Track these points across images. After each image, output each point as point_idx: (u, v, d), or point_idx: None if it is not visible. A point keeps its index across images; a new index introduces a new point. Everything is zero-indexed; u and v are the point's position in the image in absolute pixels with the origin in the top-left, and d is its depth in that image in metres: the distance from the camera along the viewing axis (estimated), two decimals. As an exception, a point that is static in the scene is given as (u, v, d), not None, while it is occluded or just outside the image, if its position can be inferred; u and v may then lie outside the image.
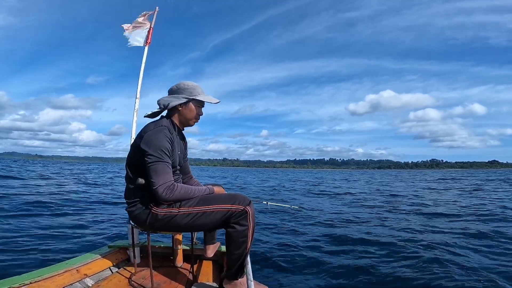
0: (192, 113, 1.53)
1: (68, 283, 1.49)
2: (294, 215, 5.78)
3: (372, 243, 3.62)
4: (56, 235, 3.71)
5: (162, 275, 1.75)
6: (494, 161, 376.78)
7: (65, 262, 1.66)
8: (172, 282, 1.67)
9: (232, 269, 1.43)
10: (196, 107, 1.54)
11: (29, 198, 6.48)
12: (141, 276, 1.73)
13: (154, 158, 1.32)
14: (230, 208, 1.37)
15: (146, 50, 2.45)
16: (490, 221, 5.06)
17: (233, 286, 1.46)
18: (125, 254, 2.00)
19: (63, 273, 1.52)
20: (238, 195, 1.42)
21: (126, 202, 1.46)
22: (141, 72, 2.33)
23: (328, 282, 2.44)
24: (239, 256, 1.39)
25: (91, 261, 1.74)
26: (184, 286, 1.62)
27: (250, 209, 1.38)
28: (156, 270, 1.80)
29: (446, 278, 2.42)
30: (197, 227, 1.44)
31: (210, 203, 1.39)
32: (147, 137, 1.36)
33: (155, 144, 1.34)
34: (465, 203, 7.59)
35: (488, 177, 25.73)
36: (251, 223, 1.38)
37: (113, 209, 5.93)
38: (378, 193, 11.19)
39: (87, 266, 1.68)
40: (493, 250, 3.27)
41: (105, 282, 1.63)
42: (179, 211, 1.37)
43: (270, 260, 2.97)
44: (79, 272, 1.60)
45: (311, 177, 30.15)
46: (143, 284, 1.60)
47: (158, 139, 1.35)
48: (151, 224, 1.40)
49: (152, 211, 1.38)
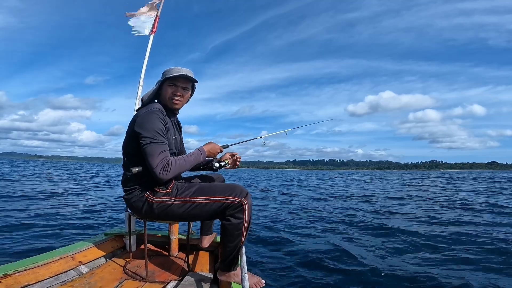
0: (166, 93, 1.47)
1: (62, 270, 1.50)
2: (292, 206, 5.81)
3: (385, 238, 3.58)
4: (52, 223, 3.70)
5: (157, 264, 1.75)
6: (494, 162, 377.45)
7: (60, 250, 1.66)
8: (166, 271, 1.66)
9: (226, 261, 1.43)
10: (169, 86, 1.46)
11: (25, 186, 6.43)
12: (136, 264, 1.72)
13: (149, 139, 1.31)
14: (226, 200, 1.34)
15: (151, 38, 2.42)
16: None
17: (227, 277, 1.45)
18: (121, 242, 2.00)
19: (57, 260, 1.51)
20: (235, 186, 1.40)
21: (123, 190, 1.45)
22: (146, 60, 2.30)
23: (322, 275, 2.39)
24: (233, 249, 1.38)
25: (87, 248, 1.74)
26: (179, 276, 1.61)
27: (246, 202, 1.36)
28: (151, 259, 1.80)
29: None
30: (192, 217, 1.44)
31: (206, 194, 1.37)
32: (139, 120, 1.35)
33: (148, 125, 1.32)
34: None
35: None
36: (246, 216, 1.36)
37: (111, 196, 5.90)
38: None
39: (82, 254, 1.68)
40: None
41: (100, 270, 1.62)
42: (174, 200, 1.36)
43: (265, 252, 2.95)
44: (74, 260, 1.60)
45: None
46: (137, 272, 1.60)
47: (150, 120, 1.34)
48: (147, 212, 1.40)
49: (148, 200, 1.38)
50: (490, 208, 5.84)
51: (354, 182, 19.44)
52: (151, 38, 2.42)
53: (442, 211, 5.70)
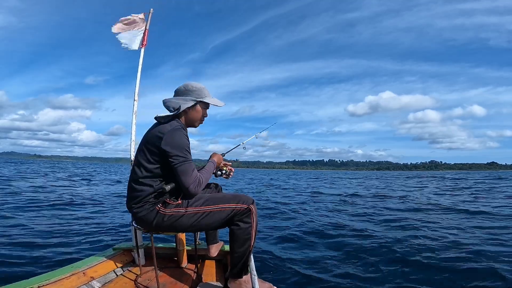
0: (198, 114, 1.55)
1: (75, 286, 1.52)
2: (296, 212, 5.83)
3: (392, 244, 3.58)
4: (60, 237, 3.66)
5: (167, 276, 1.78)
6: (493, 163, 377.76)
7: (71, 266, 1.68)
8: (177, 282, 1.69)
9: (236, 268, 1.45)
10: (202, 109, 1.57)
11: (32, 197, 6.45)
12: (147, 277, 1.75)
13: (181, 158, 1.36)
14: (235, 207, 1.41)
15: (142, 52, 2.39)
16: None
17: (237, 285, 1.47)
18: (129, 256, 2.02)
19: (70, 276, 1.54)
20: (241, 195, 1.48)
21: (132, 204, 1.44)
22: (138, 74, 2.28)
23: (331, 279, 2.42)
24: (243, 254, 1.42)
25: (97, 263, 1.76)
26: (190, 286, 1.65)
27: (253, 208, 1.44)
28: (161, 271, 1.83)
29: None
30: (201, 227, 1.48)
31: (215, 203, 1.43)
32: (168, 138, 1.37)
33: (178, 144, 1.36)
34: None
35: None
36: (254, 221, 1.44)
37: (115, 211, 5.88)
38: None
39: (93, 269, 1.70)
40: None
41: (112, 285, 1.65)
42: (186, 211, 1.40)
43: (273, 257, 2.97)
44: (86, 275, 1.62)
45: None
46: (149, 286, 1.63)
47: (179, 139, 1.37)
48: (157, 224, 1.41)
49: (159, 212, 1.40)
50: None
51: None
52: (142, 51, 2.39)
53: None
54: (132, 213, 1.46)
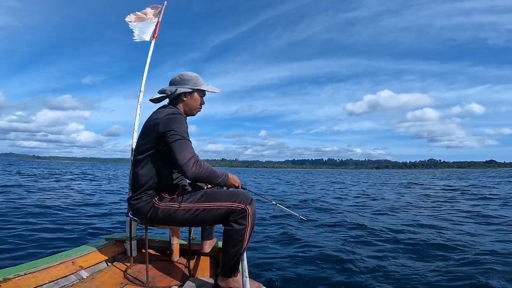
0: (196, 102, 1.57)
1: (62, 275, 1.48)
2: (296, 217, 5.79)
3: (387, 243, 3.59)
4: (52, 226, 3.68)
5: (158, 269, 1.74)
6: (492, 161, 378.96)
7: (60, 254, 1.65)
8: (167, 276, 1.65)
9: (227, 267, 1.42)
10: (200, 97, 1.58)
11: (26, 191, 6.43)
12: (137, 269, 1.71)
13: (178, 136, 1.31)
14: (231, 206, 1.34)
15: (152, 44, 2.40)
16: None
17: (227, 283, 1.45)
18: (122, 247, 1.99)
19: (58, 265, 1.51)
20: (240, 193, 1.40)
21: (132, 195, 1.45)
22: (147, 66, 2.29)
23: (323, 281, 2.38)
24: (234, 254, 1.38)
25: (87, 253, 1.74)
26: (180, 281, 1.60)
27: (250, 208, 1.35)
28: (152, 264, 1.79)
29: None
30: (196, 222, 1.44)
31: (211, 200, 1.37)
32: (166, 120, 1.35)
33: (177, 125, 1.34)
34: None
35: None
36: (250, 222, 1.35)
37: (111, 201, 5.89)
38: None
39: (83, 258, 1.67)
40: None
41: (100, 275, 1.61)
42: (179, 206, 1.37)
43: (265, 258, 2.91)
44: (75, 264, 1.59)
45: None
46: (138, 278, 1.59)
47: (178, 121, 1.36)
48: (152, 217, 1.39)
49: (154, 205, 1.38)
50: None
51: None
52: (153, 43, 2.40)
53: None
54: (130, 204, 1.46)
